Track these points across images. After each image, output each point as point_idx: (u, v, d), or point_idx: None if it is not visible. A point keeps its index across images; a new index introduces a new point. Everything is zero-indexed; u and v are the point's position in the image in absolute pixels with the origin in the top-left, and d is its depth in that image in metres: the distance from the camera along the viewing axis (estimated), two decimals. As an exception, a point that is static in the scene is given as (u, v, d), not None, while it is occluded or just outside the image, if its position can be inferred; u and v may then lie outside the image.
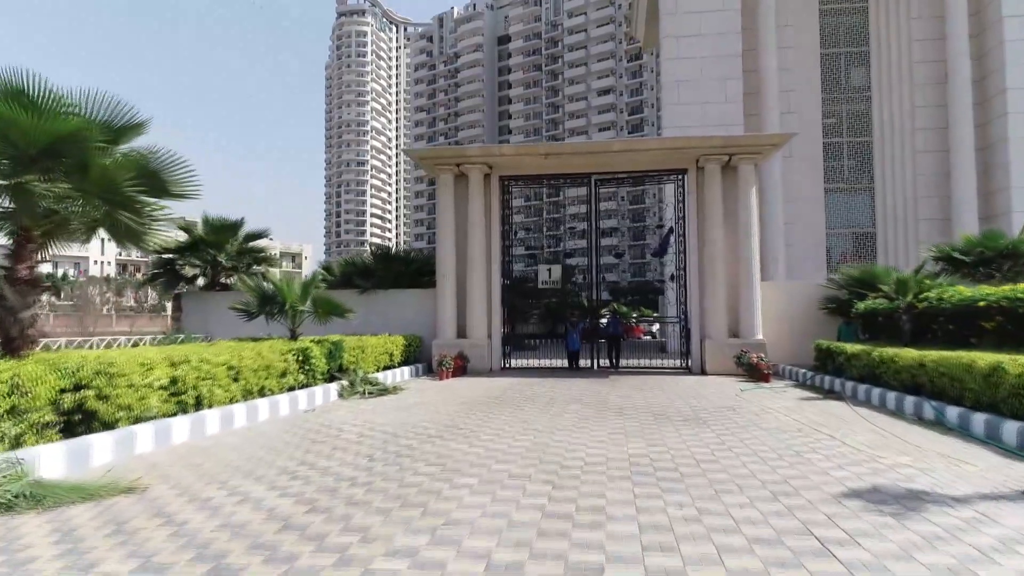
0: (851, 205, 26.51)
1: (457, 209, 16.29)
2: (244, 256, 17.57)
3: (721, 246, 15.24)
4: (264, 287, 11.26)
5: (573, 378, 14.30)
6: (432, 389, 12.19)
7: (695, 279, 15.70)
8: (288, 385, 9.81)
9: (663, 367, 16.59)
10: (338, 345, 11.43)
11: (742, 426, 7.66)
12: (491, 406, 9.62)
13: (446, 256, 16.04)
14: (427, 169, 16.64)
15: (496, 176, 16.46)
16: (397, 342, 14.51)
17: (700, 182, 15.72)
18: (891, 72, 25.99)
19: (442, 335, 15.85)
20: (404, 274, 17.05)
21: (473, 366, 15.40)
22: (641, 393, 11.30)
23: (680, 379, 13.98)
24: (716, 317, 15.12)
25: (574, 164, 16.16)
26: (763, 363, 13.30)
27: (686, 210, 15.92)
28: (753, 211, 15.29)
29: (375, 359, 13.05)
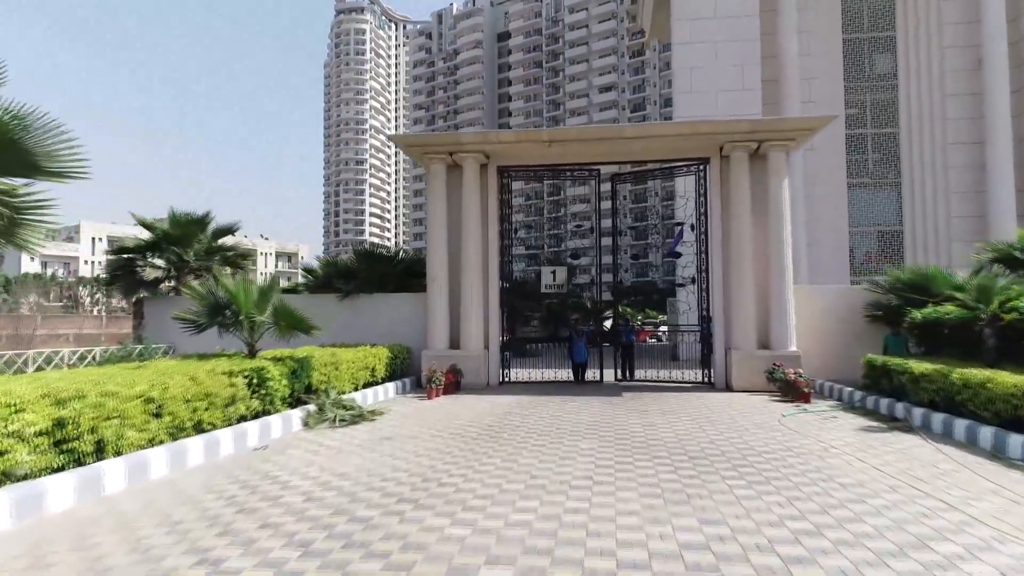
0: (876, 201, 24.71)
1: (450, 204, 14.48)
2: (214, 255, 15.77)
3: (749, 245, 13.42)
4: (215, 294, 9.42)
5: (581, 395, 12.49)
6: (417, 413, 10.38)
7: (718, 282, 13.88)
8: (238, 415, 7.99)
9: (682, 381, 14.77)
10: (304, 363, 9.62)
11: (811, 480, 5.84)
12: (485, 442, 7.80)
13: (437, 257, 14.23)
14: (416, 158, 14.82)
15: (494, 167, 14.64)
16: (380, 355, 12.69)
17: (724, 173, 13.91)
18: (919, 58, 24.17)
19: (432, 346, 14.04)
20: (390, 275, 15.24)
21: (468, 381, 13.59)
22: (665, 419, 9.48)
23: (704, 397, 12.17)
24: (743, 325, 13.30)
25: (581, 153, 14.34)
26: (802, 380, 11.48)
27: (708, 204, 14.10)
28: (785, 205, 13.47)
29: (352, 376, 11.23)
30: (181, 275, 15.74)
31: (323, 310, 14.92)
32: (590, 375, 15.27)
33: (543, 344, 25.00)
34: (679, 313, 24.45)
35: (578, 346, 15.37)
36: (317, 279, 15.36)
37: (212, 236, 15.99)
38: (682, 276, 22.86)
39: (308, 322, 9.70)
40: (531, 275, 44.93)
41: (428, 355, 13.90)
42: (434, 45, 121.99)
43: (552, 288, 15.84)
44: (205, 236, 15.78)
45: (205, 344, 13.06)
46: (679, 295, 23.42)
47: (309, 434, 8.51)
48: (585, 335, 15.63)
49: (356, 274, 15.00)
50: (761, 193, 13.64)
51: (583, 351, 15.35)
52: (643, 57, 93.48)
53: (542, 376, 15.44)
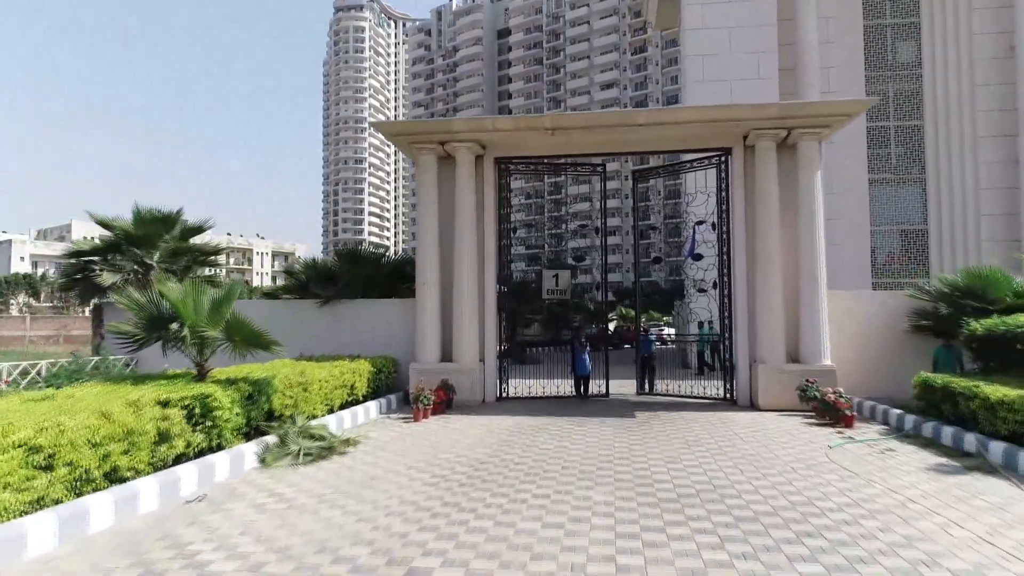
0: (899, 198, 23.19)
1: (441, 199, 12.99)
2: (181, 256, 14.28)
3: (777, 246, 11.93)
4: (157, 303, 7.94)
5: (589, 416, 11.00)
6: (399, 442, 8.89)
7: (742, 286, 12.39)
8: (174, 455, 6.52)
9: (700, 396, 13.31)
10: (263, 385, 8.13)
11: (911, 563, 4.35)
12: (474, 490, 6.31)
13: (427, 259, 12.74)
14: (403, 149, 13.33)
15: (490, 158, 13.15)
16: (361, 369, 11.20)
17: (749, 165, 12.41)
18: (946, 46, 22.64)
19: (422, 358, 12.55)
20: (376, 279, 13.75)
21: (461, 398, 12.10)
22: (692, 453, 7.99)
23: (729, 419, 10.68)
24: (771, 335, 11.81)
25: (586, 142, 12.83)
26: (844, 401, 9.99)
27: (730, 200, 12.60)
28: (818, 201, 11.98)
29: (325, 397, 9.74)
30: (146, 279, 14.25)
31: (300, 318, 13.51)
32: (595, 387, 13.80)
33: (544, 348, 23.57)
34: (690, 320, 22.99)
35: (580, 357, 13.92)
36: (298, 282, 13.85)
37: (181, 235, 14.51)
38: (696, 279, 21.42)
39: (266, 337, 8.20)
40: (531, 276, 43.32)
41: (416, 369, 12.42)
42: (433, 42, 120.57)
43: (554, 293, 14.35)
44: (172, 236, 14.29)
45: (174, 357, 11.67)
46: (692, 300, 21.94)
47: (263, 475, 7.03)
48: (588, 346, 14.13)
49: (338, 277, 13.49)
50: (790, 187, 12.16)
51: (586, 363, 13.92)
52: (645, 54, 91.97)
53: (544, 390, 13.98)
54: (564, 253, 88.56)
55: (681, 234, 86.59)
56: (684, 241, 12.46)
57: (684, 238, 12.77)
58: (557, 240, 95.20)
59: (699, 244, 21.72)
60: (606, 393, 13.94)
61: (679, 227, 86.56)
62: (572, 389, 14.04)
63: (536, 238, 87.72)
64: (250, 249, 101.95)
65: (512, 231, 13.58)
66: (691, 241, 21.64)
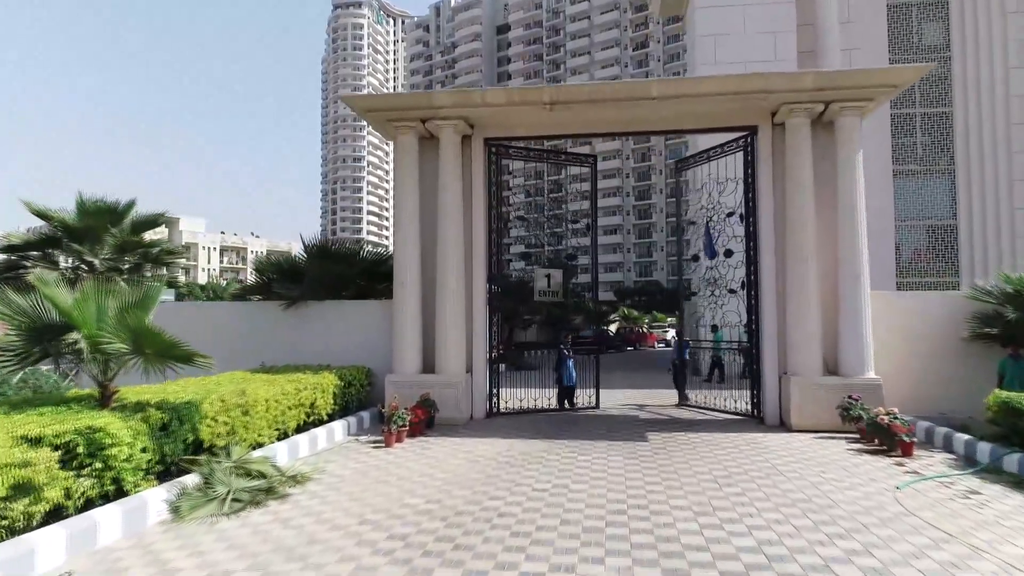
0: (926, 191, 21.48)
1: (423, 187, 11.32)
2: (131, 252, 12.60)
3: (812, 239, 10.25)
4: (42, 310, 6.25)
5: (593, 439, 9.31)
6: (358, 480, 7.21)
7: (770, 287, 10.71)
8: (42, 510, 4.85)
9: (722, 410, 11.72)
10: (184, 411, 6.46)
11: None
12: (438, 565, 4.63)
13: (407, 255, 11.06)
14: (379, 128, 11.65)
15: (479, 139, 11.48)
16: (325, 384, 9.52)
17: (778, 146, 10.75)
18: (977, 26, 20.94)
19: (400, 369, 10.88)
20: (349, 278, 12.07)
21: (445, 416, 10.42)
22: (725, 496, 6.30)
23: (761, 443, 9.00)
24: (805, 343, 10.12)
25: (591, 119, 11.14)
26: (900, 425, 8.30)
27: (756, 187, 10.92)
28: (859, 187, 10.30)
29: (275, 420, 8.06)
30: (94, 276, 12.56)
31: (264, 322, 11.86)
32: (584, 398, 12.32)
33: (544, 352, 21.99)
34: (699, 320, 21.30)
35: (567, 366, 12.38)
36: (261, 281, 12.17)
37: (132, 229, 12.83)
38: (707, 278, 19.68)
39: (185, 349, 6.51)
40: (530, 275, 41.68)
41: (393, 382, 10.74)
42: (432, 38, 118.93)
43: (547, 294, 12.72)
44: (122, 229, 12.61)
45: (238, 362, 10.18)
46: (703, 301, 20.26)
47: (168, 536, 5.34)
48: (572, 357, 12.56)
49: (304, 275, 11.80)
50: (827, 172, 10.49)
51: (572, 373, 12.41)
52: (647, 49, 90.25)
53: (540, 402, 12.31)
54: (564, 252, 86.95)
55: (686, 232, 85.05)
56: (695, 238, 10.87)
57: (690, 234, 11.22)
58: (557, 239, 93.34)
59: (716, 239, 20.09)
60: (596, 404, 12.38)
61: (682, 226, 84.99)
62: (564, 400, 12.44)
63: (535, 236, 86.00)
64: (244, 248, 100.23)
65: (506, 224, 11.88)
66: (705, 236, 19.99)
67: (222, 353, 11.56)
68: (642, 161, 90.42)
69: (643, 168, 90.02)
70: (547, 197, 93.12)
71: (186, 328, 11.98)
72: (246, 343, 11.72)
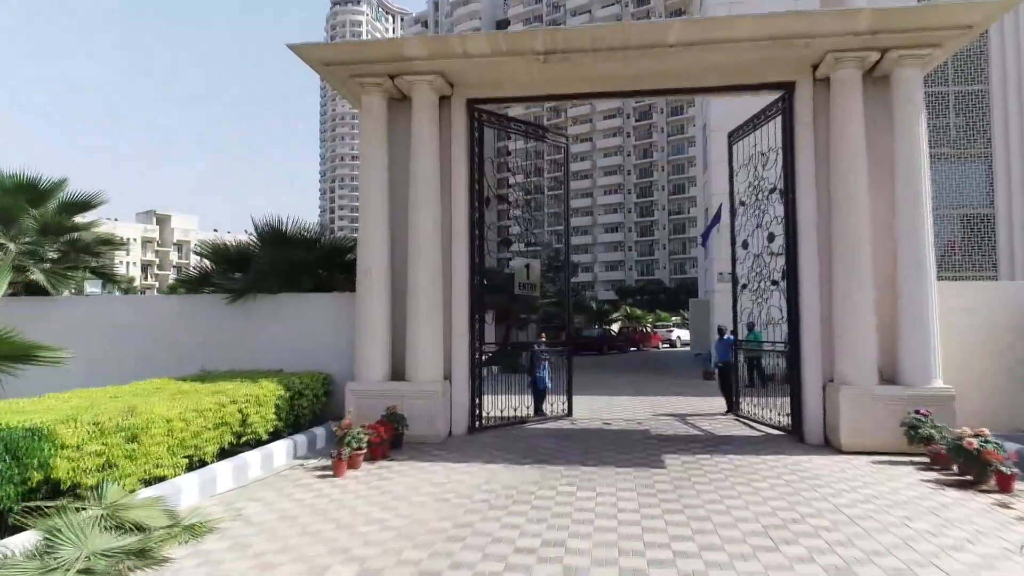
0: (960, 177, 19.59)
1: (394, 158, 9.47)
2: (53, 237, 10.74)
3: (865, 219, 8.38)
4: None
5: (597, 465, 7.44)
6: (278, 533, 5.34)
7: (811, 276, 8.84)
8: None
9: (754, 421, 9.92)
10: (23, 442, 4.60)
11: None
12: None
13: (373, 238, 9.20)
14: (339, 87, 9.78)
15: (460, 100, 9.62)
16: (264, 395, 7.64)
17: (820, 106, 8.89)
18: (1017, -4, 19.04)
19: (363, 376, 9.02)
20: (307, 266, 10.20)
21: (416, 433, 8.57)
22: (785, 560, 4.43)
23: (805, 468, 7.13)
24: (856, 346, 8.25)
25: (594, 74, 9.24)
26: (992, 450, 6.43)
27: (794, 155, 9.06)
28: (922, 155, 8.44)
29: (181, 445, 6.18)
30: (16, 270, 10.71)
31: (203, 320, 10.04)
32: (558, 407, 10.82)
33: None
34: (712, 322, 19.44)
35: (540, 369, 10.85)
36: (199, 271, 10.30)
37: (59, 211, 10.96)
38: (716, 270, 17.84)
39: (26, 346, 4.64)
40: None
41: (355, 391, 8.89)
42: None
43: (526, 287, 11.01)
44: (45, 212, 10.76)
45: (61, 379, 8.46)
46: (714, 297, 18.39)
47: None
48: (547, 359, 11.02)
49: (253, 263, 9.91)
50: (882, 137, 8.64)
51: (546, 377, 10.93)
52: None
53: (530, 409, 10.54)
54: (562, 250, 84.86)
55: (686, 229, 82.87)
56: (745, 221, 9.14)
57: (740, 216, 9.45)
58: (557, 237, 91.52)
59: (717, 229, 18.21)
60: (568, 412, 10.84)
61: (684, 223, 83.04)
62: (564, 407, 10.69)
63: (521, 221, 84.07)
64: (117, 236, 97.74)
65: (483, 201, 9.99)
66: (715, 221, 18.13)
67: (156, 356, 9.79)
68: (643, 158, 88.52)
69: (645, 164, 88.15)
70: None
71: (114, 326, 10.28)
72: (185, 344, 9.89)
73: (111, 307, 10.71)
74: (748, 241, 10.35)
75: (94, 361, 8.98)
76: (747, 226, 10.39)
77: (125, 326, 10.03)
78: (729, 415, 11.09)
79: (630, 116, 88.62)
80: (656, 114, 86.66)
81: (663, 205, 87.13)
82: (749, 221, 10.32)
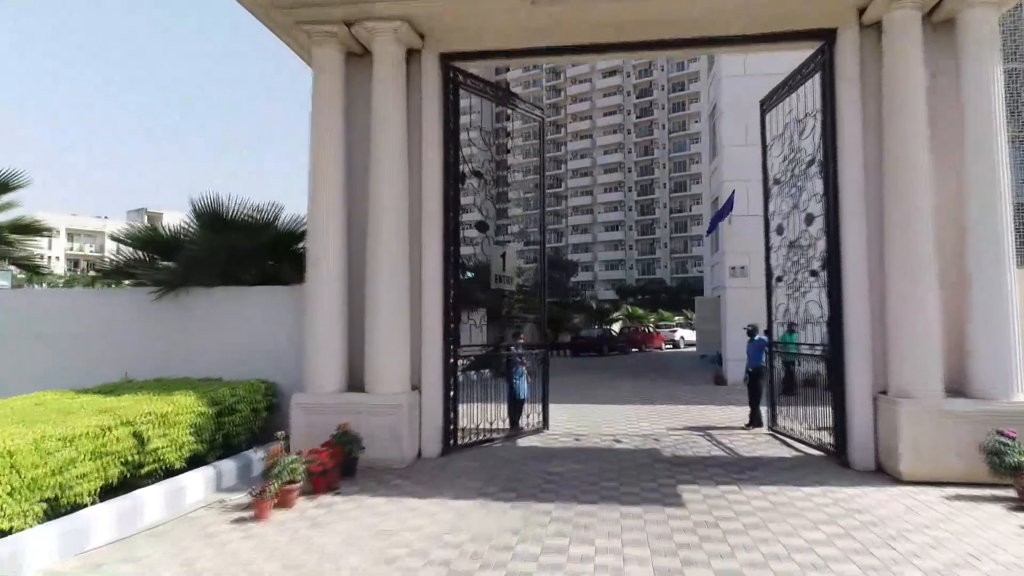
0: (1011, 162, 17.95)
1: (351, 125, 7.90)
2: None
3: (927, 193, 6.80)
4: None
5: (596, 503, 5.86)
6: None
7: (858, 264, 7.27)
8: None
9: (789, 437, 8.37)
10: None
11: None
12: None
13: (325, 221, 7.62)
14: (287, 39, 8.20)
15: (433, 55, 8.04)
16: (177, 412, 6.04)
17: (869, 57, 7.32)
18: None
19: (314, 386, 7.44)
20: (253, 254, 8.59)
21: (375, 456, 7.00)
22: None
23: (862, 504, 5.57)
24: (917, 348, 6.67)
25: (591, 20, 7.63)
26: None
27: (835, 118, 7.47)
28: (997, 117, 6.86)
29: (35, 486, 4.58)
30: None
31: (127, 318, 8.47)
32: (534, 419, 9.44)
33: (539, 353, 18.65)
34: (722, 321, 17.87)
35: (517, 375, 9.44)
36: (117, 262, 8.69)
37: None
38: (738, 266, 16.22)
39: None
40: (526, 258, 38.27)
41: (302, 405, 7.31)
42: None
43: (502, 280, 9.57)
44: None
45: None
46: (727, 292, 16.79)
47: None
48: (524, 364, 9.58)
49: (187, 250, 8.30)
50: (946, 96, 7.06)
51: (523, 385, 9.48)
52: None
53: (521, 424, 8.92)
54: (564, 249, 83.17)
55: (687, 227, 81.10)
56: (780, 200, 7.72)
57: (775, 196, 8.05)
58: (557, 236, 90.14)
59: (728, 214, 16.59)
60: (543, 425, 9.42)
61: (686, 221, 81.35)
62: (569, 427, 9.16)
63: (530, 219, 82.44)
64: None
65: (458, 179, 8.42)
66: (726, 209, 16.54)
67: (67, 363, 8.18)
68: (645, 155, 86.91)
69: (646, 162, 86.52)
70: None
71: (17, 324, 8.73)
72: (104, 347, 8.31)
73: (8, 303, 9.07)
74: (783, 225, 8.75)
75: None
76: (782, 208, 8.79)
77: (26, 326, 8.43)
78: (752, 428, 9.54)
79: (631, 113, 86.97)
80: (657, 110, 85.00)
81: (664, 203, 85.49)
82: (784, 203, 8.73)
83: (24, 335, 8.36)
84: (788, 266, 8.61)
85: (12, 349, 8.28)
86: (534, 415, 9.52)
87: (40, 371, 7.84)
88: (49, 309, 8.63)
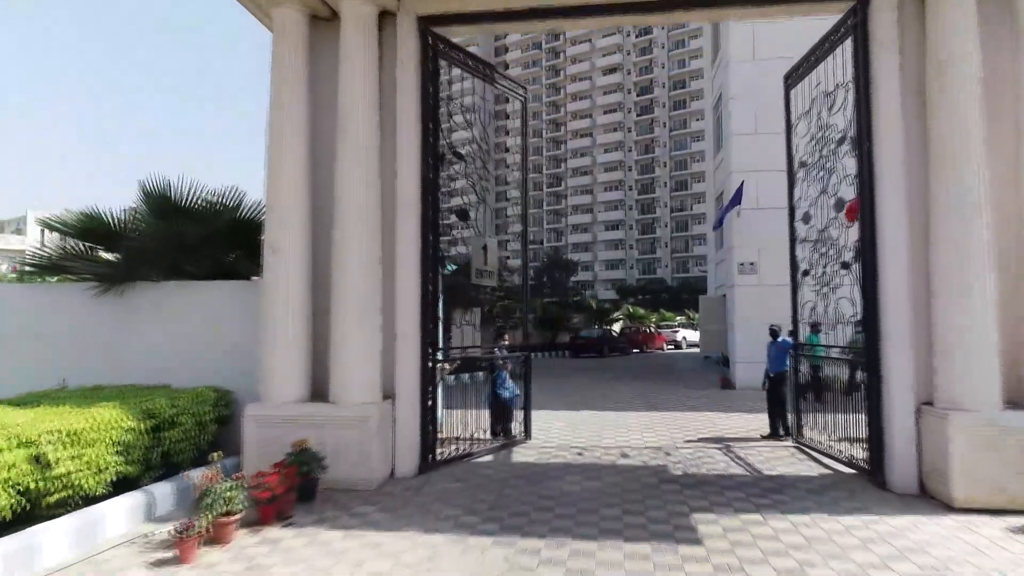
0: None
1: (316, 99, 6.96)
2: None
3: (980, 173, 5.83)
4: None
5: (594, 538, 4.90)
6: None
7: (897, 255, 6.29)
8: None
9: (811, 450, 7.38)
10: None
11: None
12: None
13: (285, 206, 6.67)
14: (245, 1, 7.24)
15: (409, 17, 7.08)
16: (93, 429, 5.08)
17: (907, 16, 6.36)
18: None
19: (271, 394, 6.48)
20: (208, 244, 7.62)
21: (339, 476, 6.06)
22: None
23: (910, 540, 4.63)
24: (975, 353, 5.69)
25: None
26: None
27: (870, 89, 6.50)
28: (1061, 77, 5.90)
29: None
30: None
31: (67, 316, 7.50)
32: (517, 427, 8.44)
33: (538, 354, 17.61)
34: (728, 321, 16.91)
35: (501, 379, 8.55)
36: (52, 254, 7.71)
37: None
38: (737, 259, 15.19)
39: None
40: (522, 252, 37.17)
41: (256, 418, 6.35)
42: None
43: (483, 275, 8.66)
44: None
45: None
46: (736, 290, 15.80)
47: None
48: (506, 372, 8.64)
49: (129, 239, 7.32)
50: (999, 64, 6.10)
51: (511, 388, 8.56)
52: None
53: (516, 433, 7.96)
54: (564, 249, 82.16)
55: (689, 226, 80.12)
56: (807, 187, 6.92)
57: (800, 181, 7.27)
58: (557, 235, 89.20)
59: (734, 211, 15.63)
60: (526, 434, 8.52)
61: (687, 220, 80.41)
62: (572, 442, 8.23)
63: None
64: None
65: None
66: (735, 200, 15.58)
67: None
68: (645, 153, 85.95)
69: (646, 160, 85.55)
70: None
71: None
72: (40, 348, 7.35)
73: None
74: (810, 213, 7.78)
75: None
76: (809, 194, 7.82)
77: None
78: (772, 440, 8.57)
79: (631, 111, 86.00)
80: (658, 108, 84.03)
81: (665, 202, 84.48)
82: (812, 188, 7.76)
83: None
84: (816, 258, 7.63)
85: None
86: (516, 424, 8.59)
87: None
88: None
